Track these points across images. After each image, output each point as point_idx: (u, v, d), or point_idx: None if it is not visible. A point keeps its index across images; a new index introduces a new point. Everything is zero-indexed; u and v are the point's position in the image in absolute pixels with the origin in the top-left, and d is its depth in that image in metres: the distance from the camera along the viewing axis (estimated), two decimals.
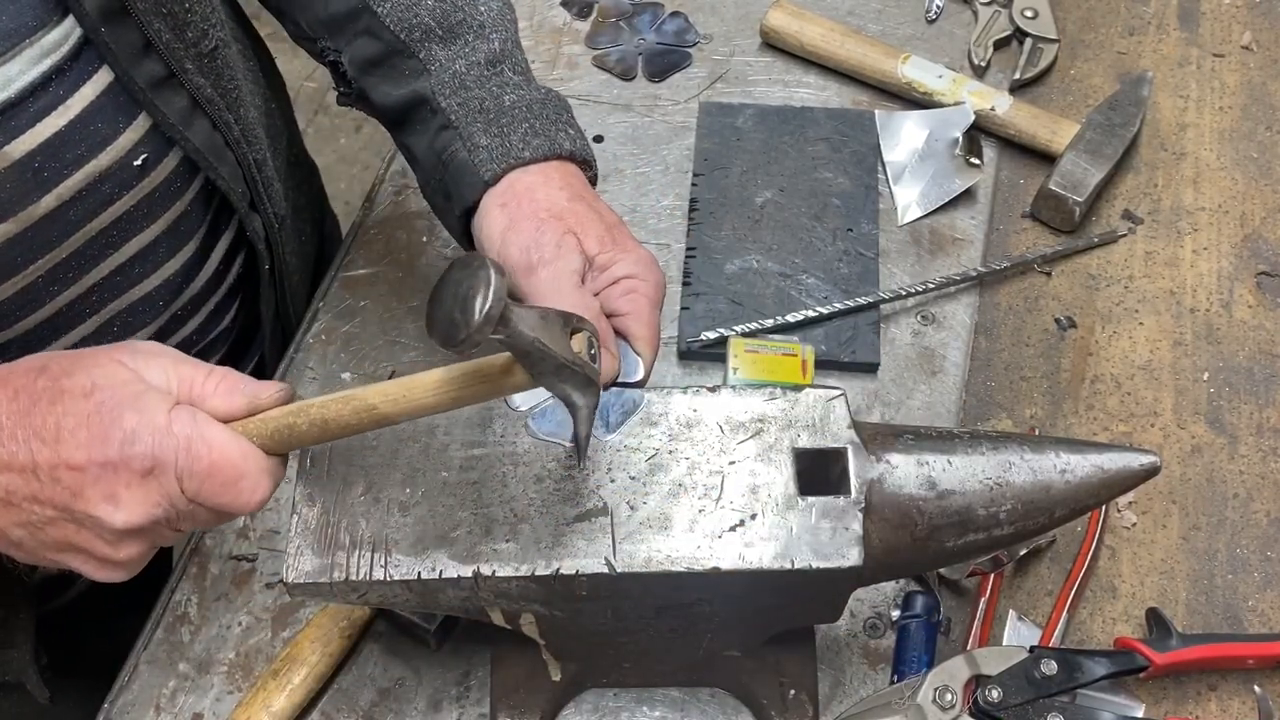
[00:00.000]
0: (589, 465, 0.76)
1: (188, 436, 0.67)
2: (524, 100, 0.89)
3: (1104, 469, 0.76)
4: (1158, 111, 1.26)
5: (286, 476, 0.72)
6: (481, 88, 0.90)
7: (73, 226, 0.85)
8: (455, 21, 0.92)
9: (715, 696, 0.91)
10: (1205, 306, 1.13)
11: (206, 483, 0.67)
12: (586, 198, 0.86)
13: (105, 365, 0.69)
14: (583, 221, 0.84)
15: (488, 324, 0.60)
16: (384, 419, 0.69)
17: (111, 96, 0.83)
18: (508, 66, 0.92)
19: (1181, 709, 0.91)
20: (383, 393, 0.68)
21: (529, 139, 0.87)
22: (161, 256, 0.94)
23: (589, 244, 0.83)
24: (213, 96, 0.91)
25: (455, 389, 0.68)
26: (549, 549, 0.72)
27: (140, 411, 0.66)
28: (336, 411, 0.69)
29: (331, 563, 0.72)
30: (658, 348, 0.83)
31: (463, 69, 0.90)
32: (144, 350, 0.71)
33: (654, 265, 0.85)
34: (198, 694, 0.92)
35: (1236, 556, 0.98)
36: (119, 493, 0.66)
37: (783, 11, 1.29)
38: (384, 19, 0.92)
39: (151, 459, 0.66)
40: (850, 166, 1.20)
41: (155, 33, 0.84)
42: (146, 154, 0.87)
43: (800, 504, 0.74)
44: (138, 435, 0.66)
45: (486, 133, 0.87)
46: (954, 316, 1.11)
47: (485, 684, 0.91)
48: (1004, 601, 0.95)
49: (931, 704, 0.82)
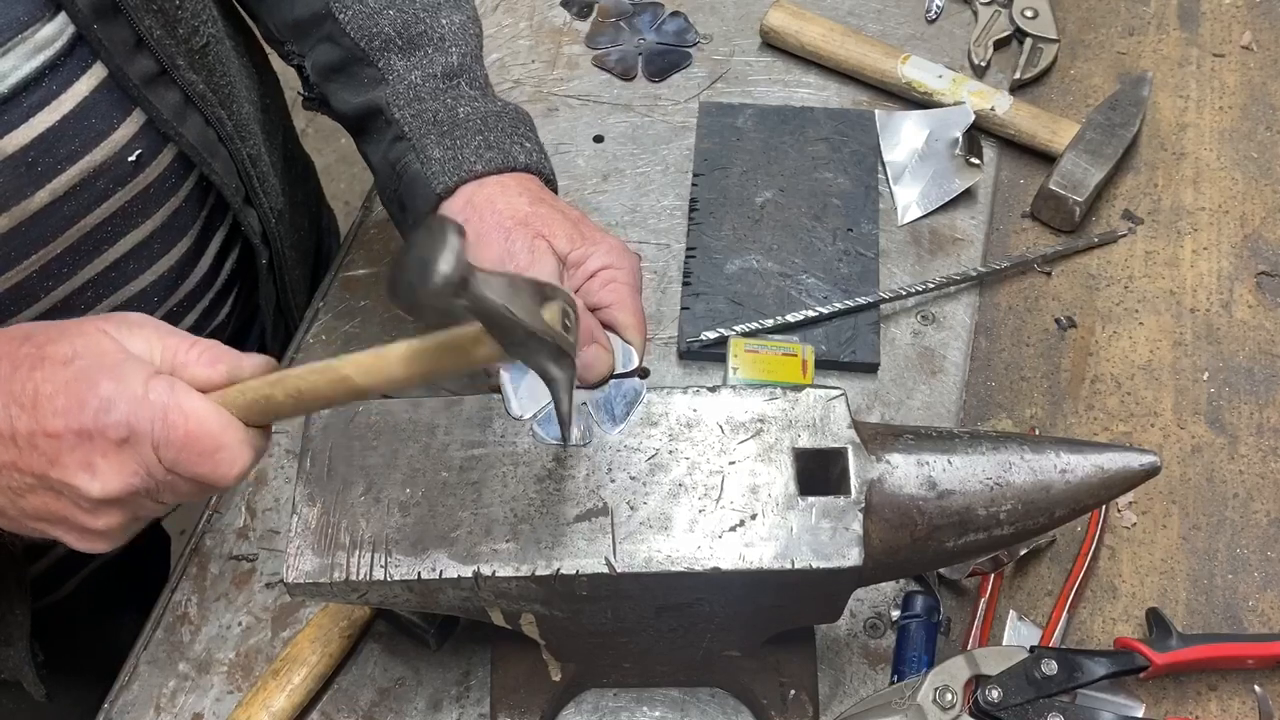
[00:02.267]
0: (589, 466, 0.76)
1: (164, 405, 0.66)
2: (478, 113, 0.89)
3: (1104, 469, 0.76)
4: (1158, 111, 1.26)
5: (288, 477, 0.72)
6: (436, 100, 0.90)
7: (66, 222, 0.85)
8: (416, 33, 0.92)
9: (715, 696, 0.91)
10: (1205, 306, 1.13)
11: (183, 452, 0.67)
12: (546, 200, 0.87)
13: (88, 334, 0.68)
14: (548, 224, 0.84)
15: (447, 287, 0.59)
16: (358, 390, 0.68)
17: (105, 92, 0.84)
18: (464, 80, 0.92)
19: (1181, 709, 0.91)
20: (356, 363, 0.68)
21: (482, 151, 0.87)
22: (156, 252, 0.94)
23: (559, 244, 0.83)
24: (205, 92, 0.92)
25: (426, 360, 0.67)
26: (549, 549, 0.72)
27: (118, 380, 0.66)
28: (312, 382, 0.68)
29: (332, 563, 0.72)
30: (646, 331, 0.83)
31: (418, 80, 0.91)
32: (129, 320, 0.71)
33: (626, 252, 0.85)
34: (198, 694, 0.92)
35: (1236, 556, 0.98)
36: (95, 461, 0.66)
37: (783, 11, 1.29)
38: (345, 26, 0.92)
39: (127, 427, 0.65)
40: (850, 166, 1.20)
41: (146, 29, 0.84)
42: (140, 150, 0.87)
43: (800, 504, 0.74)
44: (113, 403, 0.65)
45: (439, 145, 0.87)
46: (954, 316, 1.11)
47: (485, 684, 0.91)
48: (1004, 601, 0.95)
49: (931, 704, 0.83)
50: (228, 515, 1.00)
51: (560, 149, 1.23)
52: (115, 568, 1.15)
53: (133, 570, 1.19)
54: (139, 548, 1.13)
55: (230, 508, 1.01)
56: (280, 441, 1.04)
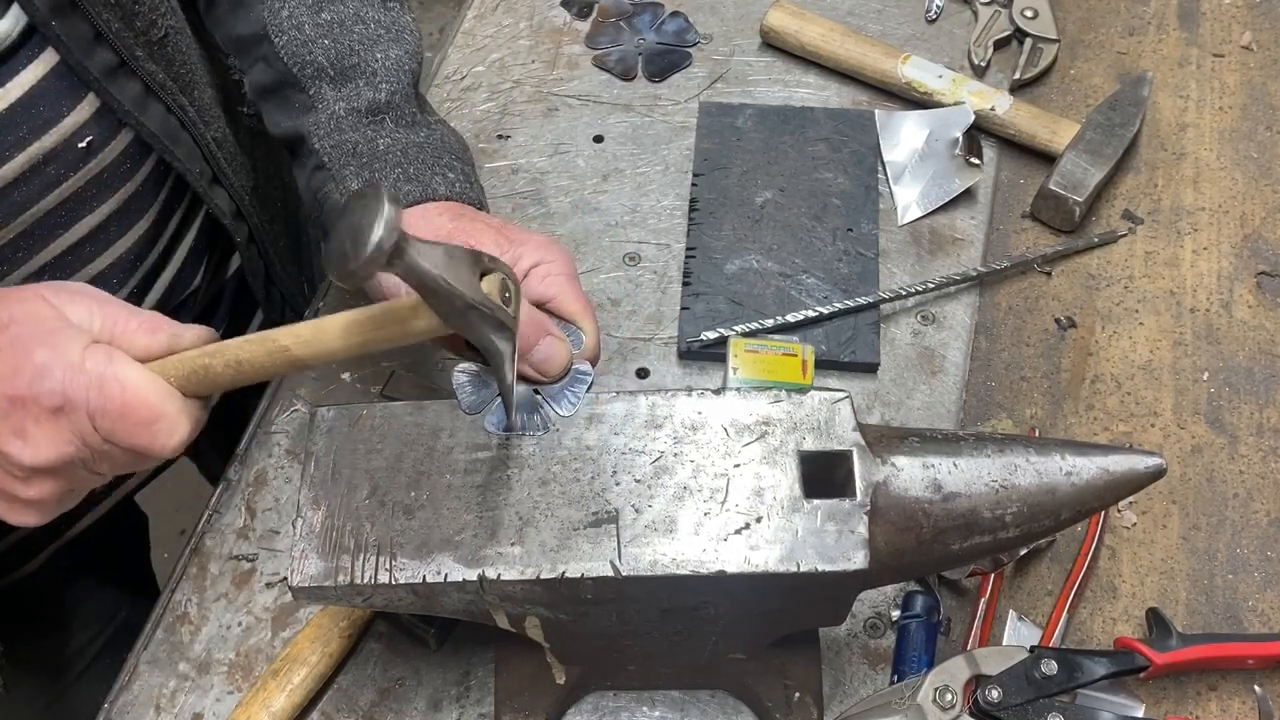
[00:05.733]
0: (594, 469, 0.75)
1: (100, 374, 0.66)
2: (398, 145, 0.90)
3: (1109, 471, 0.76)
4: (1158, 111, 1.26)
5: (289, 477, 0.72)
6: (356, 132, 0.91)
7: (19, 208, 0.85)
8: (348, 65, 0.93)
9: (715, 697, 0.91)
10: (1205, 306, 1.13)
11: (120, 422, 0.66)
12: (467, 215, 0.87)
13: (27, 301, 0.68)
14: (472, 235, 0.84)
15: (379, 254, 0.58)
16: (296, 361, 0.68)
17: (55, 80, 0.84)
18: (390, 116, 0.93)
19: (1181, 709, 0.91)
20: (294, 334, 0.68)
21: (400, 184, 0.87)
22: (113, 235, 0.94)
23: (490, 250, 0.83)
24: (165, 82, 0.92)
25: (364, 331, 0.67)
26: (554, 552, 0.72)
27: (54, 348, 0.66)
28: (251, 353, 0.68)
29: (336, 566, 0.72)
30: (596, 320, 0.84)
31: (342, 112, 0.91)
32: (69, 289, 0.71)
33: (555, 245, 0.86)
34: (198, 694, 0.92)
35: (1236, 556, 0.99)
36: (28, 428, 0.66)
37: (783, 11, 1.29)
38: (279, 50, 0.93)
39: (61, 396, 0.65)
40: (850, 166, 1.20)
41: (105, 23, 0.85)
42: (91, 136, 0.87)
43: (805, 507, 0.74)
44: (49, 371, 0.65)
45: (358, 177, 0.88)
46: (954, 316, 1.11)
47: (485, 684, 0.91)
48: (1004, 601, 0.95)
49: (931, 704, 0.83)
50: (228, 515, 1.00)
51: (560, 149, 1.23)
52: (84, 545, 1.15)
53: (102, 549, 1.18)
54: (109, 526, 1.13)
55: (230, 508, 1.00)
56: (280, 442, 1.04)
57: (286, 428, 1.05)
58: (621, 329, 1.10)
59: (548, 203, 1.19)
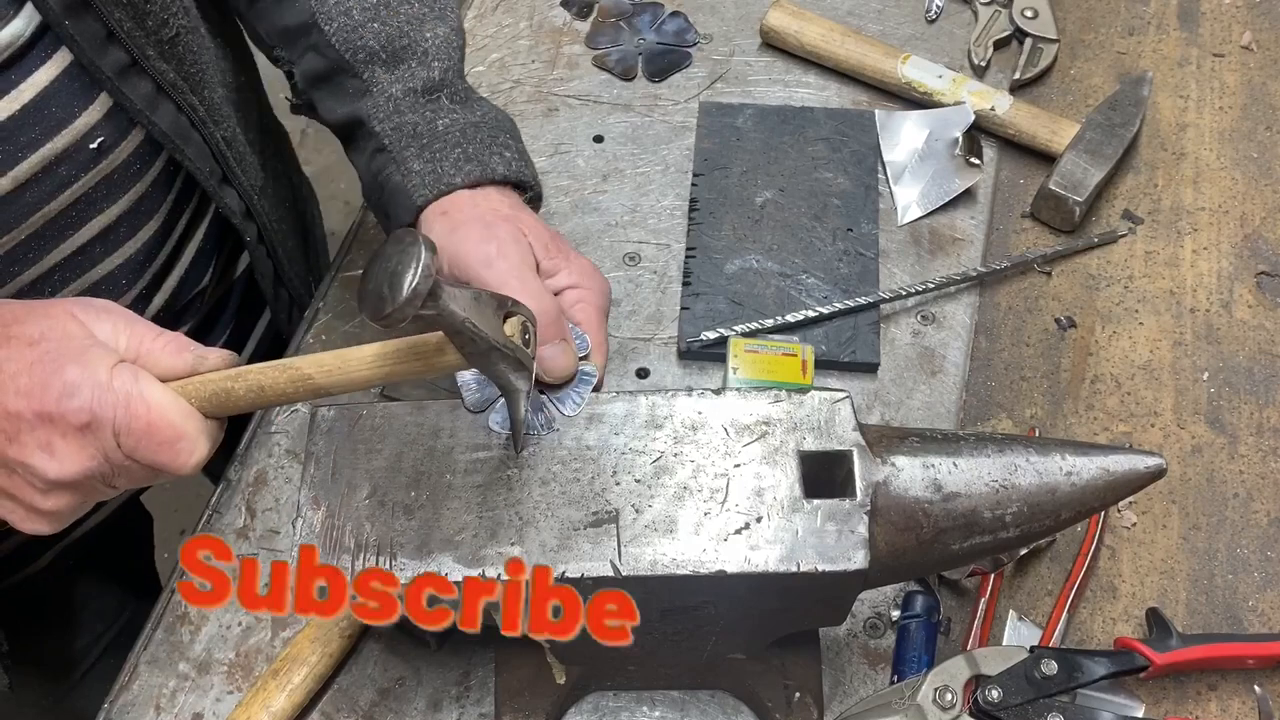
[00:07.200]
0: (594, 469, 0.75)
1: (127, 394, 0.67)
2: (458, 124, 0.91)
3: (1110, 471, 0.76)
4: (1158, 111, 1.26)
5: (289, 477, 0.72)
6: (416, 113, 0.92)
7: (30, 208, 0.86)
8: (400, 47, 0.93)
9: (715, 697, 0.91)
10: (1205, 306, 1.13)
11: (144, 441, 0.68)
12: (525, 211, 0.90)
13: (56, 317, 0.69)
14: (530, 227, 0.87)
15: (415, 299, 0.60)
16: (319, 389, 0.69)
17: (66, 81, 0.84)
18: (445, 94, 0.94)
19: (1181, 709, 0.91)
20: (319, 363, 0.69)
21: (461, 164, 0.89)
22: (123, 235, 0.95)
23: (537, 249, 0.86)
24: (176, 81, 0.92)
25: (389, 364, 0.69)
26: (554, 552, 0.72)
27: (83, 365, 0.67)
28: (273, 379, 0.70)
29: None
30: (607, 355, 0.87)
31: (399, 94, 0.92)
32: (96, 306, 0.72)
33: (597, 273, 0.89)
34: (198, 694, 0.92)
35: (1236, 556, 0.99)
36: (55, 443, 0.67)
37: (783, 11, 1.29)
38: (330, 37, 0.93)
39: (89, 413, 0.66)
40: (850, 166, 1.20)
41: (116, 22, 0.85)
42: (103, 137, 0.88)
43: (806, 507, 0.74)
44: (78, 389, 0.66)
45: (419, 158, 0.89)
46: (954, 316, 1.11)
47: (485, 684, 0.91)
48: (1004, 601, 0.95)
49: (931, 704, 0.83)
50: (228, 515, 1.00)
51: (560, 149, 1.23)
52: (90, 545, 1.15)
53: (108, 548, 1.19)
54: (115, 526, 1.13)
55: (230, 508, 1.00)
56: (280, 442, 1.04)
57: (286, 428, 1.05)
58: (621, 329, 1.10)
59: (548, 203, 1.19)
